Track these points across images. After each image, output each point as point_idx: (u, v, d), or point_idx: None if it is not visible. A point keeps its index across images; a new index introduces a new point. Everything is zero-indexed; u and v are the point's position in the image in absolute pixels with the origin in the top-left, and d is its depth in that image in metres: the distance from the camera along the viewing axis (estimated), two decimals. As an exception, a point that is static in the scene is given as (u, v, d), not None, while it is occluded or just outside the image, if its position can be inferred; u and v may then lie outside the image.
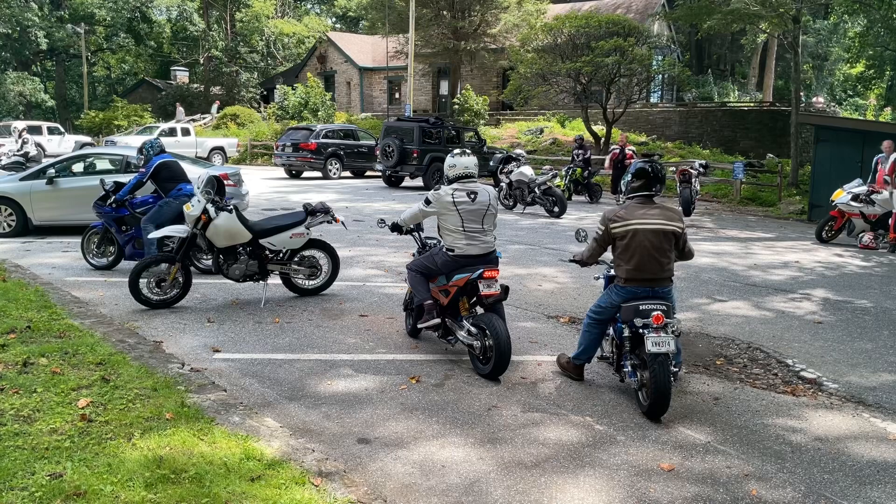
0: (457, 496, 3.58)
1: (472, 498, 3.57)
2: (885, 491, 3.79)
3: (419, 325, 5.76)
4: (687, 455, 4.11)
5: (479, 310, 5.47)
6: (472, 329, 5.30)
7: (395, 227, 6.01)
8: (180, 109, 37.97)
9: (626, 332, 4.78)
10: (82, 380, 4.58)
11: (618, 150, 17.27)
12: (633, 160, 15.83)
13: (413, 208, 5.83)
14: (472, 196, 5.42)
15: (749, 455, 4.13)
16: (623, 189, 5.19)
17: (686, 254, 5.04)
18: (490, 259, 5.48)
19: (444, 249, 5.54)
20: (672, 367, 4.64)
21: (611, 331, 5.08)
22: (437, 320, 5.54)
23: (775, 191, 18.96)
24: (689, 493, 3.68)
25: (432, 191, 5.62)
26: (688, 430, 4.45)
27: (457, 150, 5.62)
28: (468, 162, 5.54)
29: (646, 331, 4.58)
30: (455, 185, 5.48)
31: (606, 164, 17.72)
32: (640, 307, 4.66)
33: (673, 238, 4.83)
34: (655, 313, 4.56)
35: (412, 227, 6.05)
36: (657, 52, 27.13)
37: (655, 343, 4.50)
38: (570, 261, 5.61)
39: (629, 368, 4.79)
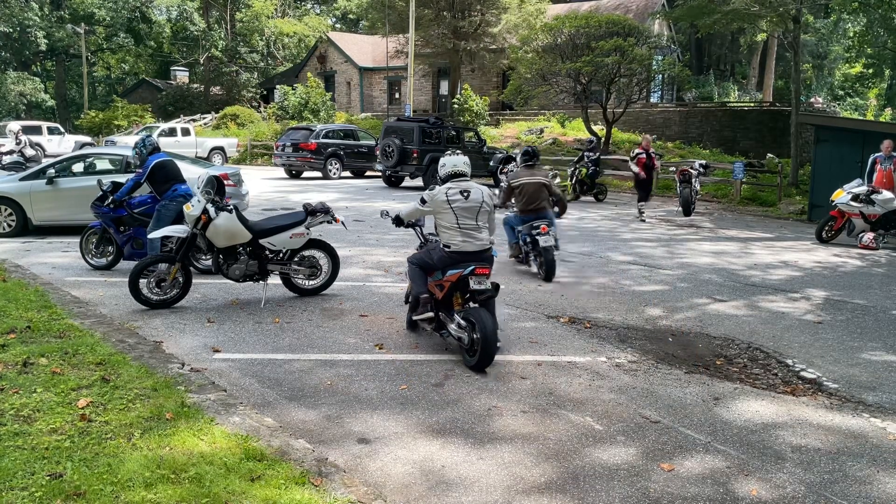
0: (457, 496, 3.58)
1: (472, 498, 3.57)
2: (885, 490, 3.79)
3: (414, 317, 5.93)
4: (687, 455, 4.11)
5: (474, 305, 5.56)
6: (462, 322, 5.43)
7: (398, 220, 6.16)
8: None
9: (528, 239, 8.75)
10: (82, 380, 4.58)
11: (644, 156, 15.11)
12: (658, 164, 15.36)
13: (412, 205, 6.01)
14: (466, 194, 5.64)
15: (749, 455, 4.13)
16: (516, 164, 10.69)
17: (555, 193, 9.26)
18: (485, 256, 5.64)
19: (441, 245, 5.71)
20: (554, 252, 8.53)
21: (521, 243, 8.96)
22: (431, 314, 5.69)
23: (775, 191, 18.95)
24: (689, 493, 3.68)
25: (427, 190, 5.84)
26: (688, 430, 4.45)
27: (449, 151, 5.84)
28: (458, 161, 5.79)
29: (538, 235, 8.51)
30: (448, 185, 5.71)
31: (636, 169, 15.21)
32: (534, 224, 8.67)
33: (544, 187, 8.95)
34: (542, 226, 8.54)
35: (413, 221, 6.26)
36: (657, 52, 27.11)
37: (545, 241, 8.49)
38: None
39: (533, 257, 8.86)
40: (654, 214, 14.99)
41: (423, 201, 5.78)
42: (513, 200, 9.10)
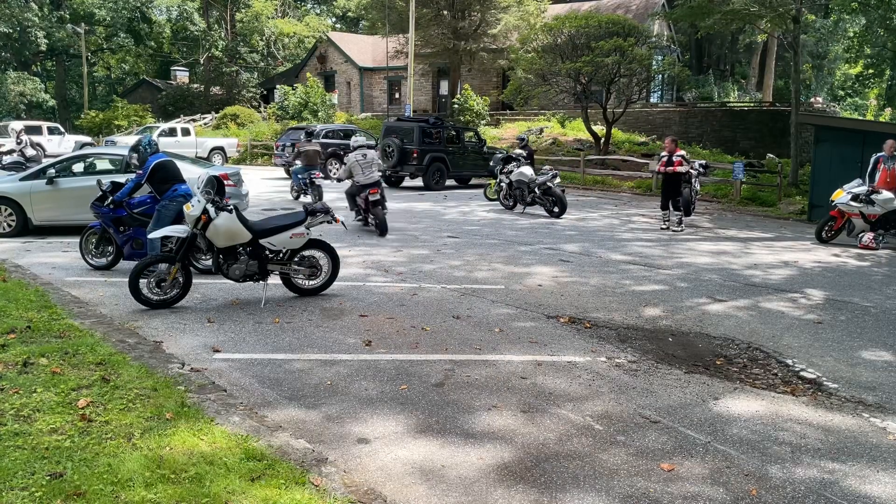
0: (457, 496, 3.58)
1: (472, 498, 3.57)
2: (885, 491, 3.79)
3: (355, 219, 12.13)
4: (687, 455, 4.11)
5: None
6: (371, 217, 11.73)
7: (339, 179, 12.56)
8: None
9: (308, 181, 15.35)
10: (82, 380, 4.58)
11: (666, 158, 13.87)
12: (681, 167, 13.44)
13: (343, 167, 12.30)
14: (365, 156, 11.68)
15: (749, 455, 4.14)
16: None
17: (322, 158, 16.83)
18: (375, 184, 11.57)
19: (354, 182, 11.81)
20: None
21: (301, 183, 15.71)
22: (362, 216, 12.05)
23: (775, 191, 18.95)
24: (689, 493, 3.68)
25: (346, 156, 12.00)
26: (688, 429, 4.46)
27: (358, 133, 12.11)
28: (363, 140, 12.17)
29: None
30: (357, 152, 11.75)
31: (657, 168, 14.20)
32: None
33: (317, 153, 16.04)
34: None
35: (347, 176, 11.94)
36: (657, 52, 27.10)
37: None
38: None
39: (310, 191, 15.40)
40: (653, 215, 14.98)
41: (344, 163, 12.03)
42: (300, 159, 16.17)
